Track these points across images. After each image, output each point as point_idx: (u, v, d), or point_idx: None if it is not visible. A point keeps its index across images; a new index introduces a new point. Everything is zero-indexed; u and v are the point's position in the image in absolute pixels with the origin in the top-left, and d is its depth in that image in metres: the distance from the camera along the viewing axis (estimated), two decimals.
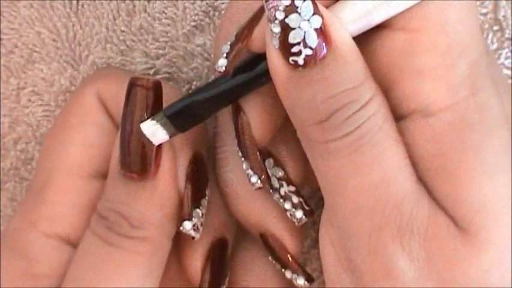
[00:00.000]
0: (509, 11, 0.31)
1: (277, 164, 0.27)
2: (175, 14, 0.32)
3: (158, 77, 0.33)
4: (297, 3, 0.22)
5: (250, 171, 0.26)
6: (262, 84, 0.24)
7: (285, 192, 0.26)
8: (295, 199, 0.26)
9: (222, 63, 0.24)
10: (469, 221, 0.23)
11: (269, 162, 0.27)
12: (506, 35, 0.31)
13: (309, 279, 0.27)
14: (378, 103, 0.23)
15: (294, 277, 0.27)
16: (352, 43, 0.23)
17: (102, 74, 0.29)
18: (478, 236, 0.22)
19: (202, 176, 0.27)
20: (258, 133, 0.26)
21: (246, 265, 0.29)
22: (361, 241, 0.23)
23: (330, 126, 0.22)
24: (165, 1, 0.32)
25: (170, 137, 0.25)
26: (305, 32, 0.22)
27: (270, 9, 0.22)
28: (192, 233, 0.26)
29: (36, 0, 0.33)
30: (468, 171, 0.23)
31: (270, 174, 0.26)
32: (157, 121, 0.25)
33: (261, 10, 0.24)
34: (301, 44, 0.22)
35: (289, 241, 0.27)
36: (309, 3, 0.22)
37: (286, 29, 0.22)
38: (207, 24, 0.32)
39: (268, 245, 0.27)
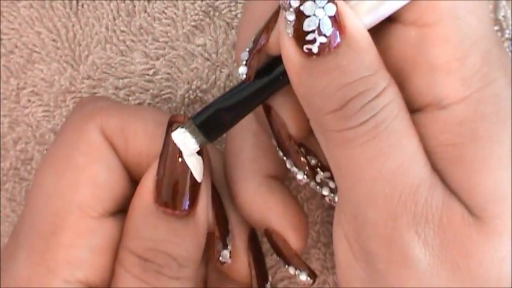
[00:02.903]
0: (509, 11, 0.31)
1: (309, 152, 0.27)
2: (175, 14, 0.32)
3: (158, 77, 0.33)
4: None
5: (294, 169, 0.26)
6: (285, 84, 0.24)
7: (321, 179, 0.26)
8: (332, 184, 0.26)
9: (243, 70, 0.24)
10: (483, 208, 0.23)
11: (301, 151, 0.27)
12: (506, 35, 0.31)
13: (312, 275, 0.27)
14: (393, 92, 0.23)
15: (296, 273, 0.27)
16: (366, 32, 0.23)
17: (100, 108, 0.28)
18: (492, 224, 0.22)
19: (220, 203, 0.28)
20: (294, 131, 0.26)
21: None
22: (377, 230, 0.23)
23: (346, 114, 0.22)
24: (165, 1, 0.32)
25: (200, 146, 0.25)
26: (319, 20, 0.22)
27: None
28: (229, 260, 0.27)
29: (36, 0, 0.33)
30: (482, 160, 0.23)
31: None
32: (186, 128, 0.25)
33: (276, 14, 0.24)
34: (316, 31, 0.22)
35: (292, 238, 0.27)
36: None
37: (300, 16, 0.22)
38: (207, 24, 0.32)
39: (271, 241, 0.28)
